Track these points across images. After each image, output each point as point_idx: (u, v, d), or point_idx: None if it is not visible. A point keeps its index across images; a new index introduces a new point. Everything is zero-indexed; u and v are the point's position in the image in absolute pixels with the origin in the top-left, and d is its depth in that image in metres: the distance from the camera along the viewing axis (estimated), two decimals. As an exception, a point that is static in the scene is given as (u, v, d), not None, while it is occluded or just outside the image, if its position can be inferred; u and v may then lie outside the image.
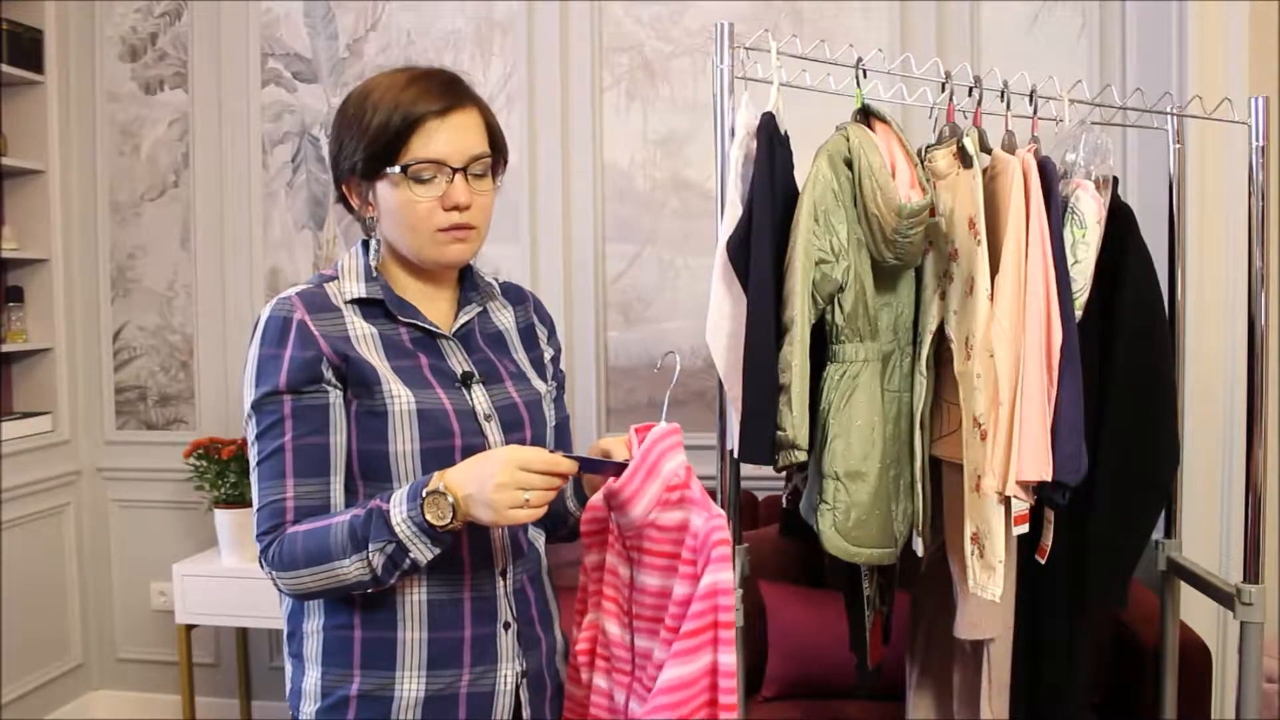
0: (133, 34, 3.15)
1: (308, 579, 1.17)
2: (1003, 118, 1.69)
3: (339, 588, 1.17)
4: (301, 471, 1.19)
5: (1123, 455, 1.68)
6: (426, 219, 1.23)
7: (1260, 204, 1.83)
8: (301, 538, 1.17)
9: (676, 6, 2.85)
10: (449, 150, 1.22)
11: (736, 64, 1.62)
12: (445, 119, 1.22)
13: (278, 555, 1.18)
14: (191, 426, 3.15)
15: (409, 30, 2.99)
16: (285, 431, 1.18)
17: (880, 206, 1.52)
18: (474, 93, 1.28)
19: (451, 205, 1.22)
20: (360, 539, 1.14)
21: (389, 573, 1.15)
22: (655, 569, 1.25)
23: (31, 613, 3.02)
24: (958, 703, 1.84)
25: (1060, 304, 1.53)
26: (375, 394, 1.20)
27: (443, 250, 1.25)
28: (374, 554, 1.14)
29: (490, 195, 1.28)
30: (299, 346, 1.19)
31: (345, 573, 1.15)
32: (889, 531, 1.60)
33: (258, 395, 1.20)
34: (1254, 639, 1.81)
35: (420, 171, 1.21)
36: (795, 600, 2.43)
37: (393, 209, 1.24)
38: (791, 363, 1.52)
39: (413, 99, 1.21)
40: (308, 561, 1.16)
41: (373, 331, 1.24)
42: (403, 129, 1.21)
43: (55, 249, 3.12)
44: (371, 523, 1.14)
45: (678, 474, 1.23)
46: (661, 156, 2.89)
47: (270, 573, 1.20)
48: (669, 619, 1.22)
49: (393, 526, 1.13)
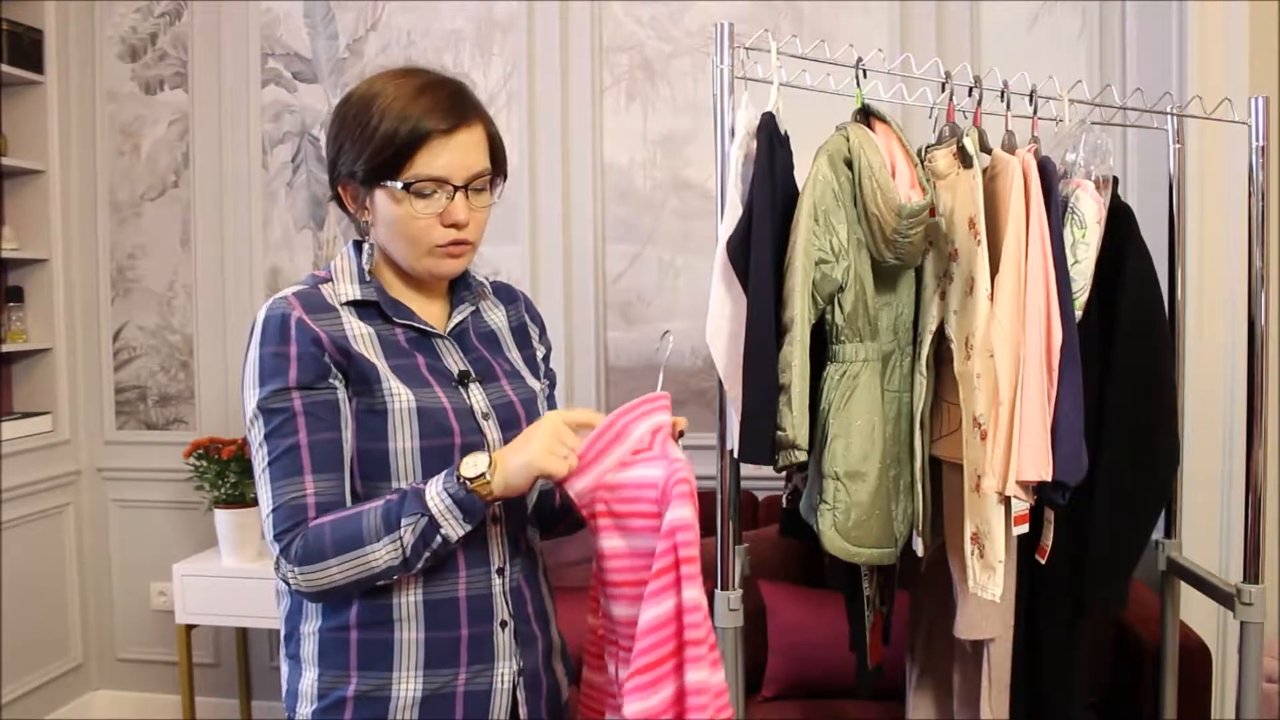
0: (133, 34, 3.15)
1: (335, 570, 1.14)
2: (1003, 118, 1.69)
3: (366, 578, 1.15)
4: (319, 467, 1.18)
5: (1123, 455, 1.68)
6: (425, 235, 1.23)
7: (1260, 204, 1.83)
8: (330, 528, 1.15)
9: (676, 6, 2.85)
10: (452, 169, 1.21)
11: (736, 64, 1.62)
12: (452, 137, 1.21)
13: (301, 550, 1.15)
14: (191, 426, 3.16)
15: (409, 30, 2.99)
16: (299, 429, 1.17)
17: (880, 206, 1.52)
18: (480, 106, 1.27)
19: (451, 223, 1.22)
20: (394, 519, 1.14)
21: (418, 554, 1.15)
22: (624, 530, 1.22)
23: (31, 613, 3.02)
24: (958, 703, 1.84)
25: (1060, 304, 1.53)
26: (375, 392, 1.20)
27: (437, 264, 1.26)
28: (405, 531, 1.13)
29: (487, 211, 1.28)
30: (304, 343, 1.19)
31: (375, 558, 1.14)
32: (889, 531, 1.60)
33: (265, 393, 1.18)
34: (1254, 639, 1.81)
35: (422, 189, 1.21)
36: (795, 600, 2.43)
37: (390, 221, 1.23)
38: (791, 363, 1.52)
39: (420, 113, 1.20)
40: (337, 550, 1.14)
41: (369, 331, 1.25)
42: (408, 144, 1.19)
43: (55, 249, 3.12)
44: (406, 501, 1.15)
45: (644, 438, 1.21)
46: (661, 156, 2.89)
47: (291, 570, 1.16)
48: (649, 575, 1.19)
49: (426, 501, 1.14)
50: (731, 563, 1.69)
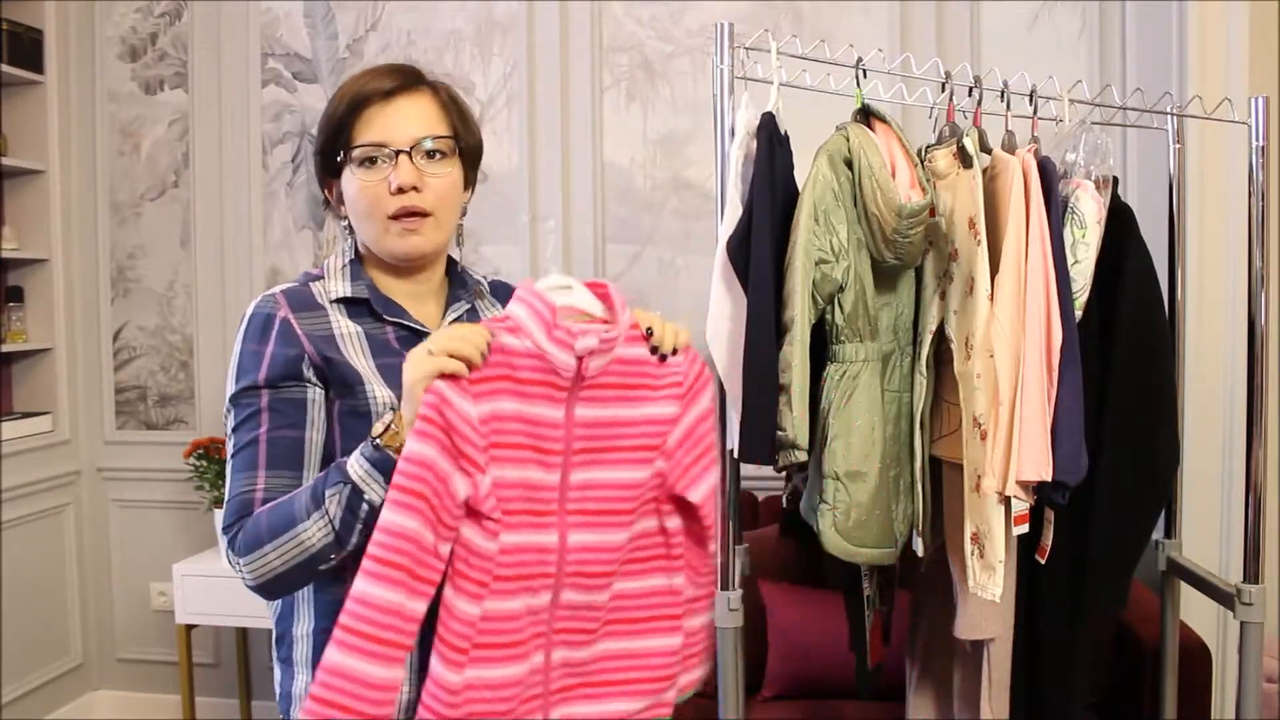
0: (133, 34, 3.15)
1: (273, 556, 1.12)
2: (1003, 118, 1.69)
3: (304, 560, 1.12)
4: (274, 464, 1.17)
5: (1123, 455, 1.68)
6: (376, 205, 1.21)
7: (1260, 204, 1.83)
8: (265, 515, 1.14)
9: (676, 6, 2.85)
10: (390, 133, 1.21)
11: (736, 64, 1.62)
12: (390, 101, 1.21)
13: (242, 541, 1.14)
14: (191, 426, 3.16)
15: (409, 30, 2.99)
16: (260, 424, 1.17)
17: (880, 206, 1.52)
18: (432, 79, 1.27)
19: (397, 188, 1.20)
20: (319, 494, 1.11)
21: (348, 527, 1.10)
22: (621, 463, 1.18)
23: (31, 613, 3.02)
24: (958, 703, 1.84)
25: (1060, 304, 1.53)
26: (358, 394, 1.19)
27: (396, 241, 1.22)
28: (330, 504, 1.09)
29: (448, 179, 1.24)
30: (281, 344, 1.18)
31: (308, 536, 1.10)
32: (889, 531, 1.60)
33: (236, 389, 1.19)
34: (1254, 639, 1.81)
35: (365, 154, 1.20)
36: (795, 600, 2.43)
37: (350, 199, 1.23)
38: (791, 363, 1.52)
39: (359, 86, 1.22)
40: (271, 535, 1.12)
41: (357, 330, 1.23)
42: (347, 115, 1.21)
43: (55, 249, 3.13)
44: (329, 474, 1.12)
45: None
46: (661, 156, 2.89)
47: (237, 563, 1.16)
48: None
49: (347, 469, 1.10)
50: (731, 563, 1.69)
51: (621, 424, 1.17)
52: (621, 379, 1.17)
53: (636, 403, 1.18)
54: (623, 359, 1.17)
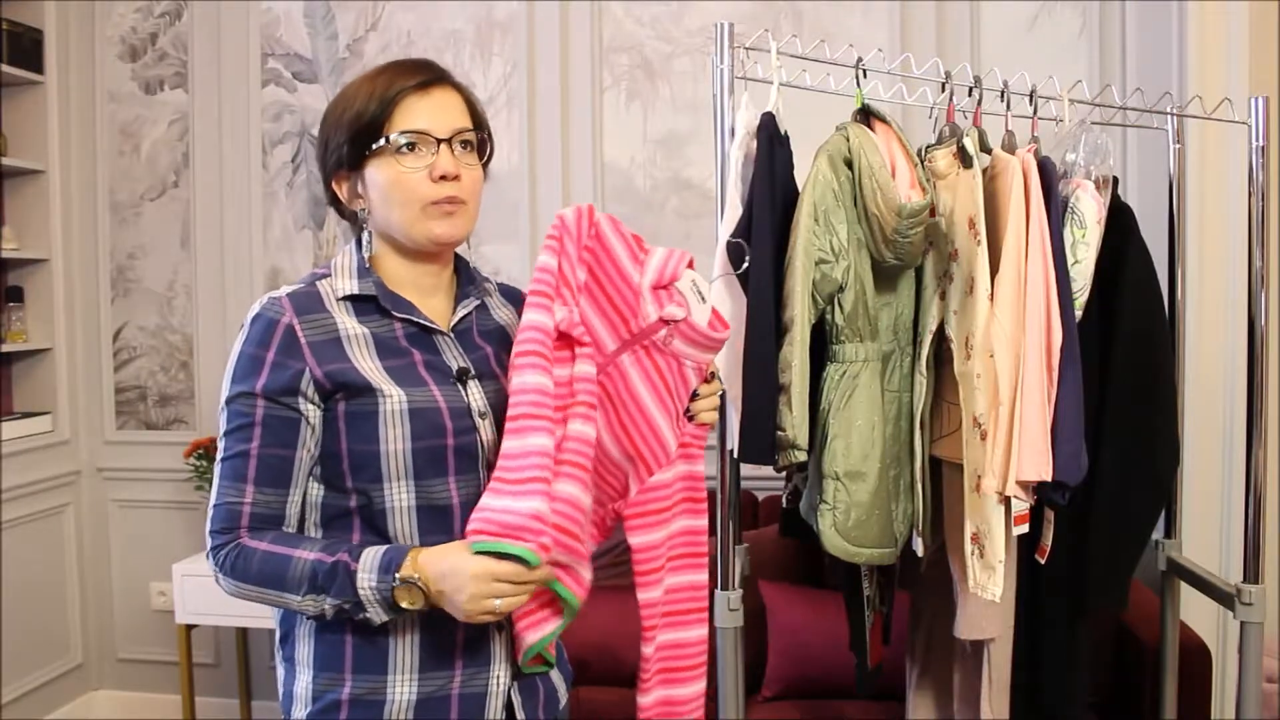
0: (133, 34, 3.15)
1: (253, 595, 1.20)
2: (1003, 118, 1.69)
3: (279, 608, 1.23)
4: (262, 481, 1.20)
5: (1123, 455, 1.68)
6: (416, 190, 1.22)
7: (1260, 204, 1.83)
8: (259, 559, 1.18)
9: (676, 6, 2.85)
10: (432, 122, 1.22)
11: (736, 64, 1.62)
12: (425, 94, 1.23)
13: (230, 563, 1.20)
14: (191, 426, 3.16)
15: (409, 30, 2.99)
16: (253, 438, 1.19)
17: (880, 206, 1.52)
18: (450, 75, 1.28)
19: (440, 175, 1.21)
20: (318, 586, 1.15)
21: (337, 618, 1.18)
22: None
23: (31, 613, 3.02)
24: (958, 703, 1.84)
25: (1060, 304, 1.53)
26: (365, 396, 1.19)
27: (432, 226, 1.23)
28: (329, 606, 1.16)
29: (478, 171, 1.27)
30: (282, 353, 1.18)
31: (291, 603, 1.18)
32: (889, 531, 1.60)
33: (233, 392, 1.20)
34: (1254, 639, 1.81)
35: (407, 141, 1.21)
36: (795, 600, 2.43)
37: (381, 187, 1.23)
38: (791, 363, 1.52)
39: (388, 81, 1.22)
40: (259, 582, 1.18)
41: (365, 331, 1.23)
42: (382, 108, 1.21)
43: (55, 249, 3.12)
44: (336, 579, 1.15)
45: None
46: (661, 156, 2.89)
47: (216, 572, 1.22)
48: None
49: (357, 589, 1.14)
50: (731, 563, 1.69)
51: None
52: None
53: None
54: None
